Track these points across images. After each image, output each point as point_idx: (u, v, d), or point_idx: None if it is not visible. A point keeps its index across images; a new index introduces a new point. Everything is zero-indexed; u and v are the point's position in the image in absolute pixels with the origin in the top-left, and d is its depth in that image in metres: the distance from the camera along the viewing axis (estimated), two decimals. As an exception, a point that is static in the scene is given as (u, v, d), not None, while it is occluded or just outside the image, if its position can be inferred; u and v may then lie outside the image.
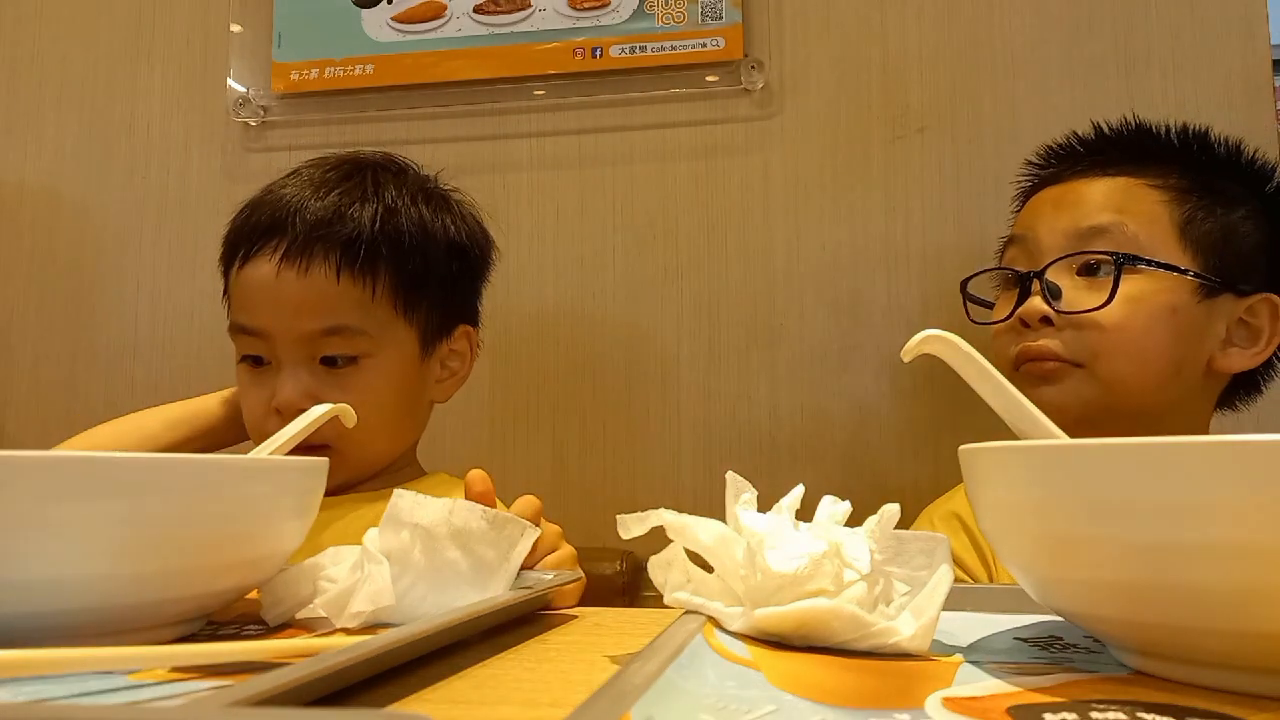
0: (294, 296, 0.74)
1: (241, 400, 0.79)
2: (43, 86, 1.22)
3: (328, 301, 0.74)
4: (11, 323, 1.19)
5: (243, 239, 0.77)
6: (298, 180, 0.79)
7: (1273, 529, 0.24)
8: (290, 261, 0.74)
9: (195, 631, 0.38)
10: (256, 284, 0.75)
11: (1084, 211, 0.77)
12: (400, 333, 0.78)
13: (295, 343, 0.74)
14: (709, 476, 1.02)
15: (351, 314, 0.75)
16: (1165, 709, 0.25)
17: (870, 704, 0.26)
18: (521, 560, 0.42)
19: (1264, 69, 0.98)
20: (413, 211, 0.79)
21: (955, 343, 0.35)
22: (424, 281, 0.79)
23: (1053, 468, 0.29)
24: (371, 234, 0.76)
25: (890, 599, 0.36)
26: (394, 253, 0.77)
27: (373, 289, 0.76)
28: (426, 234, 0.80)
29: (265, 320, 0.75)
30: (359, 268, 0.75)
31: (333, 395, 0.73)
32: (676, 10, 1.06)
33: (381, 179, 0.80)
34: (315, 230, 0.75)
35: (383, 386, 0.77)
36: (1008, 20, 1.03)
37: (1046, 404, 0.72)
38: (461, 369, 0.84)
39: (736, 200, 1.06)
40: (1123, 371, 0.73)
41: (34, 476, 0.31)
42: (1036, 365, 0.74)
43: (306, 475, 0.40)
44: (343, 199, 0.77)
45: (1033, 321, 0.75)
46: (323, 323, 0.74)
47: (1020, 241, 0.80)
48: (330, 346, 0.75)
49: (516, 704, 0.29)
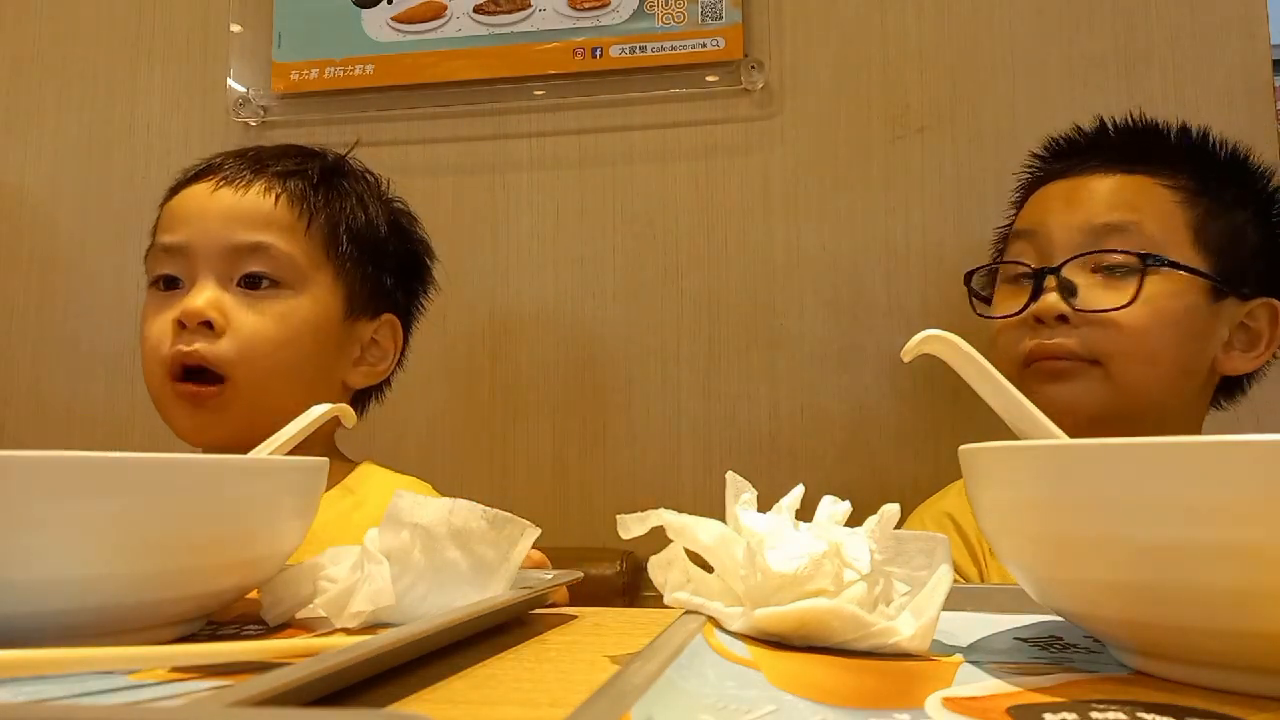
0: (226, 209, 0.73)
1: (142, 327, 0.75)
2: (43, 86, 1.22)
3: (260, 217, 0.73)
4: (11, 323, 1.19)
5: (179, 184, 0.77)
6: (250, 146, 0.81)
7: (1273, 529, 0.24)
8: (229, 181, 0.74)
9: (195, 631, 0.38)
10: (186, 202, 0.74)
11: (1099, 208, 0.76)
12: (327, 279, 0.76)
13: (217, 256, 0.72)
14: (709, 476, 1.02)
15: (281, 236, 0.73)
16: (1165, 709, 0.25)
17: (870, 704, 0.26)
18: (521, 560, 0.42)
19: (1264, 69, 0.98)
20: (360, 183, 0.81)
21: (955, 343, 0.35)
22: (364, 243, 0.78)
23: (1053, 468, 0.29)
24: (319, 173, 0.76)
25: (890, 599, 0.36)
26: (339, 202, 0.77)
27: (308, 220, 0.74)
28: (374, 196, 0.81)
29: (189, 233, 0.73)
30: (298, 199, 0.74)
31: (244, 316, 0.71)
32: (676, 10, 1.06)
33: (334, 159, 0.81)
34: (261, 160, 0.76)
35: (296, 322, 0.73)
36: (1008, 20, 1.03)
37: (1058, 402, 0.72)
38: (381, 364, 0.81)
39: (736, 200, 1.06)
40: (1137, 372, 0.73)
41: (34, 476, 0.31)
42: (1051, 363, 0.73)
43: (306, 475, 0.40)
44: (292, 154, 0.79)
45: (1049, 319, 0.73)
46: (250, 235, 0.72)
47: (1029, 236, 0.78)
48: (253, 263, 0.72)
49: (516, 704, 0.29)
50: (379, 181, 0.84)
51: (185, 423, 0.73)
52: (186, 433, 0.74)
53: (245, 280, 0.72)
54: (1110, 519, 0.27)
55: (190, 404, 0.71)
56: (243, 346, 0.71)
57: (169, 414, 0.73)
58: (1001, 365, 0.72)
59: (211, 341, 0.70)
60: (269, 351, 0.71)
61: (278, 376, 0.72)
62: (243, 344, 0.71)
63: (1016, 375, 0.75)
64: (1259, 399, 0.82)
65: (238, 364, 0.70)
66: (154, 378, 0.72)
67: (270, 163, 0.76)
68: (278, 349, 0.72)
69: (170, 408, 0.73)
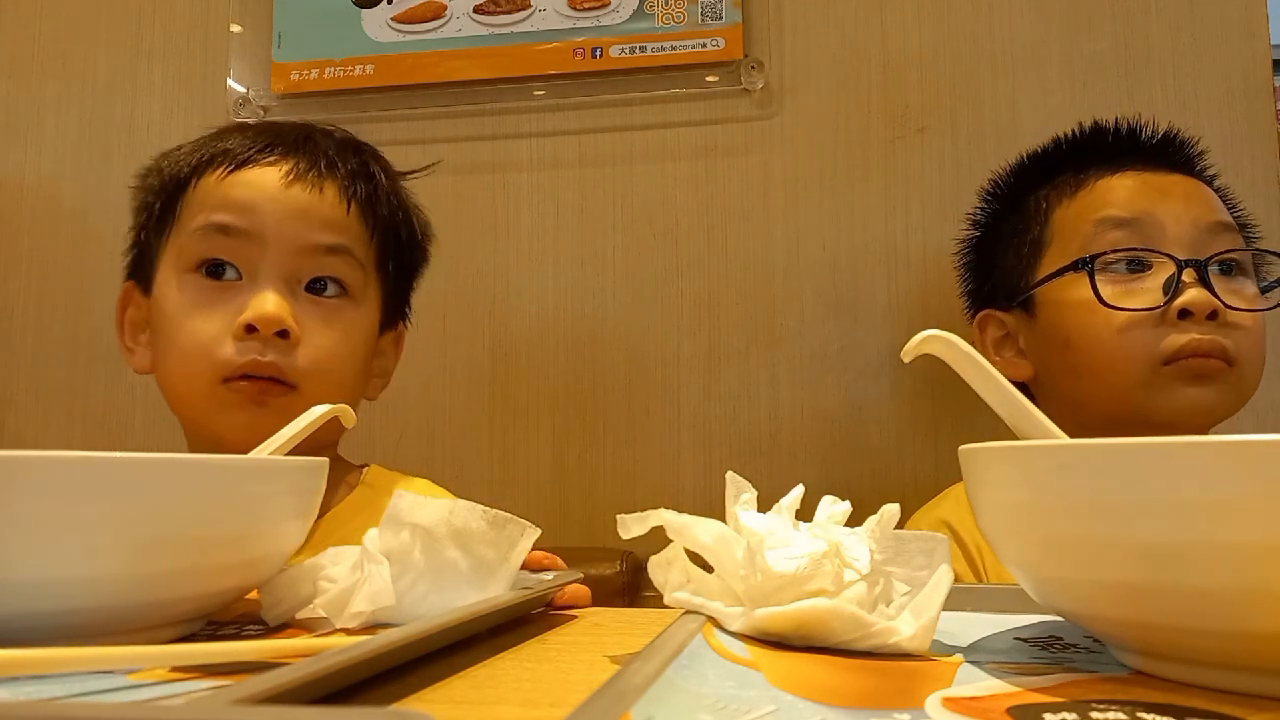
0: (303, 205, 0.68)
1: (182, 320, 0.67)
2: (43, 86, 1.22)
3: (338, 222, 0.69)
4: (12, 323, 1.19)
5: (234, 150, 0.70)
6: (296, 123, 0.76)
7: (1274, 529, 0.24)
8: (302, 177, 0.68)
9: (195, 631, 0.38)
10: (258, 186, 0.68)
11: (1206, 206, 0.74)
12: (375, 292, 0.73)
13: (291, 254, 0.67)
14: (709, 476, 1.02)
15: (357, 244, 0.70)
16: (1165, 709, 0.25)
17: (870, 704, 0.26)
18: (522, 560, 0.42)
19: (1264, 69, 0.98)
20: (402, 180, 0.78)
21: (955, 343, 0.35)
22: (404, 253, 0.76)
23: (1053, 468, 0.29)
24: (381, 181, 0.73)
25: (890, 599, 0.36)
26: (393, 215, 0.74)
27: (370, 233, 0.71)
28: (410, 210, 0.78)
29: (264, 221, 0.67)
30: (366, 204, 0.71)
31: (316, 327, 0.67)
32: (676, 10, 1.06)
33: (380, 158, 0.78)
34: (334, 156, 0.71)
35: (358, 336, 0.71)
36: (1008, 20, 1.03)
37: (1199, 404, 0.69)
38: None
39: (736, 200, 1.06)
40: (1253, 377, 0.72)
41: (34, 476, 0.31)
42: (1201, 362, 0.69)
43: (307, 475, 0.40)
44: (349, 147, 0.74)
45: (1201, 314, 0.69)
46: (330, 237, 0.68)
47: (1133, 225, 0.74)
48: (329, 267, 0.68)
49: (516, 704, 0.29)
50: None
51: (239, 419, 0.65)
52: (237, 430, 0.65)
53: (312, 285, 0.68)
54: (1110, 519, 0.27)
55: (253, 402, 0.65)
56: (316, 359, 0.67)
57: (217, 414, 0.66)
58: (1125, 363, 0.71)
59: (286, 353, 0.65)
60: (337, 367, 0.68)
61: (337, 390, 0.68)
62: (316, 357, 0.67)
63: (1150, 375, 0.71)
64: (1259, 399, 0.82)
65: (309, 376, 0.66)
66: (199, 379, 0.66)
67: (337, 160, 0.71)
68: (344, 364, 0.69)
69: (220, 409, 0.66)
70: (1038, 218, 0.81)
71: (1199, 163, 0.81)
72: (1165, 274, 0.72)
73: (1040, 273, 0.79)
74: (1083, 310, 0.74)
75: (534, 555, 0.53)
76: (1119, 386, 0.72)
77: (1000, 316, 0.83)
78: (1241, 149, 0.97)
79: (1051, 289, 0.77)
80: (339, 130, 0.78)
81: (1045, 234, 0.80)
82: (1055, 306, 0.77)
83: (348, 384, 0.70)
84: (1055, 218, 0.79)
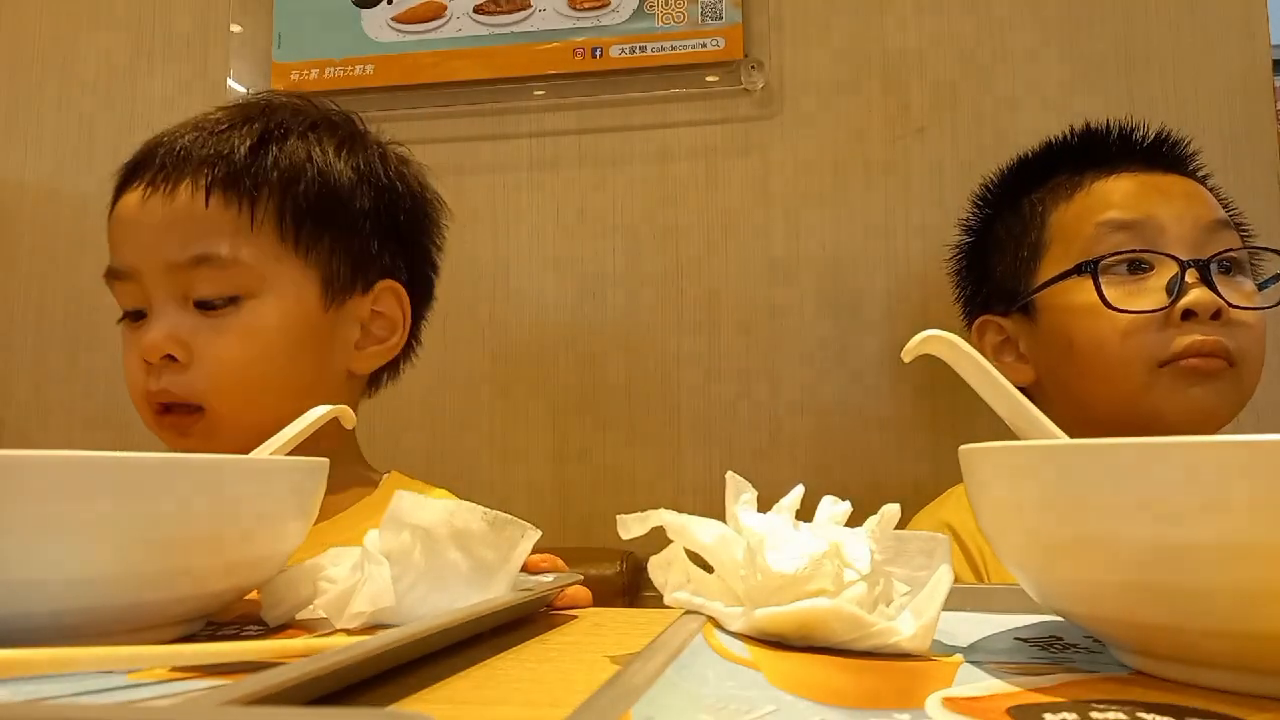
0: (157, 221, 0.65)
1: (124, 365, 0.69)
2: (43, 86, 1.22)
3: (195, 225, 0.65)
4: (12, 323, 1.19)
5: (119, 178, 0.69)
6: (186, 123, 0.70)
7: (1273, 529, 0.24)
8: (156, 187, 0.65)
9: (195, 632, 0.38)
10: (121, 217, 0.68)
11: (1205, 205, 0.74)
12: (294, 273, 0.67)
13: (163, 276, 0.65)
14: (709, 476, 1.02)
15: (223, 242, 0.65)
16: (1165, 709, 0.25)
17: (870, 704, 0.26)
18: (522, 562, 0.42)
19: (1264, 69, 0.98)
20: (310, 136, 0.70)
21: (955, 343, 0.35)
22: (324, 215, 0.69)
23: (1053, 468, 0.28)
24: (251, 151, 0.66)
25: (890, 599, 0.36)
26: (281, 176, 0.67)
27: (251, 215, 0.66)
28: (327, 161, 0.70)
29: (129, 255, 0.66)
30: (232, 189, 0.65)
31: (207, 340, 0.65)
32: (676, 10, 1.06)
33: (281, 113, 0.71)
34: (185, 151, 0.66)
35: (269, 333, 0.66)
36: (1008, 20, 1.03)
37: (1202, 404, 0.69)
38: (390, 337, 0.73)
39: (736, 200, 1.06)
40: (1254, 377, 0.72)
41: (34, 476, 0.31)
42: (1205, 361, 0.69)
43: (307, 475, 0.40)
44: (222, 126, 0.68)
45: (1205, 315, 0.69)
46: (188, 249, 0.64)
47: (1135, 227, 0.74)
48: (201, 281, 0.65)
49: (516, 704, 0.29)
50: (349, 122, 0.74)
51: (179, 449, 0.68)
52: None
53: (201, 303, 0.66)
54: (1110, 519, 0.27)
55: (178, 435, 0.67)
56: (210, 375, 0.65)
57: (166, 446, 0.69)
58: (1129, 366, 0.71)
59: (178, 374, 0.65)
60: (238, 374, 0.66)
61: (256, 393, 0.66)
62: (210, 372, 0.65)
63: (1149, 376, 0.71)
64: (1259, 399, 0.82)
65: (209, 393, 0.65)
66: (142, 414, 0.69)
67: (194, 148, 0.66)
68: (247, 369, 0.66)
69: (165, 441, 0.69)
70: (1034, 221, 0.80)
71: (1192, 162, 0.81)
72: (1167, 275, 0.72)
73: (1040, 277, 0.78)
74: (1086, 313, 0.74)
75: (532, 559, 0.53)
76: (1123, 388, 0.72)
77: (999, 321, 0.83)
78: (1241, 149, 0.97)
79: (1052, 293, 0.77)
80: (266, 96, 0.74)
81: (1043, 238, 0.79)
82: (1057, 310, 0.77)
83: (266, 385, 0.66)
84: (1052, 221, 0.79)
